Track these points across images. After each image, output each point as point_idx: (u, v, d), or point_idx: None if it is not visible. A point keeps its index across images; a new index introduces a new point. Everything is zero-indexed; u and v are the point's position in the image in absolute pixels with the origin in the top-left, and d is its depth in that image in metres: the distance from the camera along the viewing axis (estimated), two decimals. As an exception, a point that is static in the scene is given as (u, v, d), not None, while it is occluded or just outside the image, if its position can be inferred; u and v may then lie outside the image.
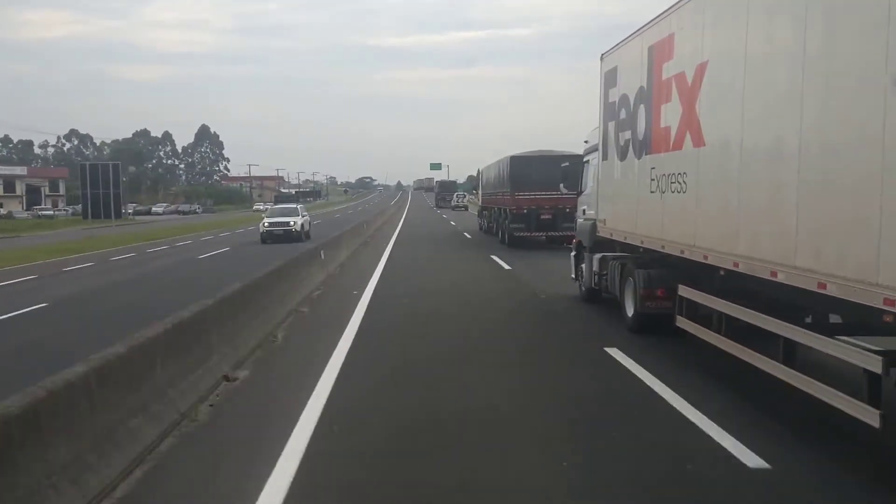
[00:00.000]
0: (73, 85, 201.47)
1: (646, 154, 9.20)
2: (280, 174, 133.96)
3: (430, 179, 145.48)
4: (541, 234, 26.24)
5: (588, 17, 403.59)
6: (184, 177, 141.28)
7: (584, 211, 13.19)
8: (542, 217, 25.86)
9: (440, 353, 8.67)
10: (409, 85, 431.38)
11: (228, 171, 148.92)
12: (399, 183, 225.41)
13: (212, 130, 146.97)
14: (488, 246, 26.30)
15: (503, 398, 6.65)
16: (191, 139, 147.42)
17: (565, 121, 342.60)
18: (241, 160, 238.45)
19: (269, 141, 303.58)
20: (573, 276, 13.55)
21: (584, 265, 12.63)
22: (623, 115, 10.14)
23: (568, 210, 26.16)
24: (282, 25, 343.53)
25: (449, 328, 10.50)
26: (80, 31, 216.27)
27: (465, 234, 34.49)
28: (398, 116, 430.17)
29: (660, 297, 9.32)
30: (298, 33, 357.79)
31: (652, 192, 8.88)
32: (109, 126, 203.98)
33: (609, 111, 10.91)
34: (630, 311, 9.93)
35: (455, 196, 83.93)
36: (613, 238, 10.69)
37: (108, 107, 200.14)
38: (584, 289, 12.66)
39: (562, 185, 14.70)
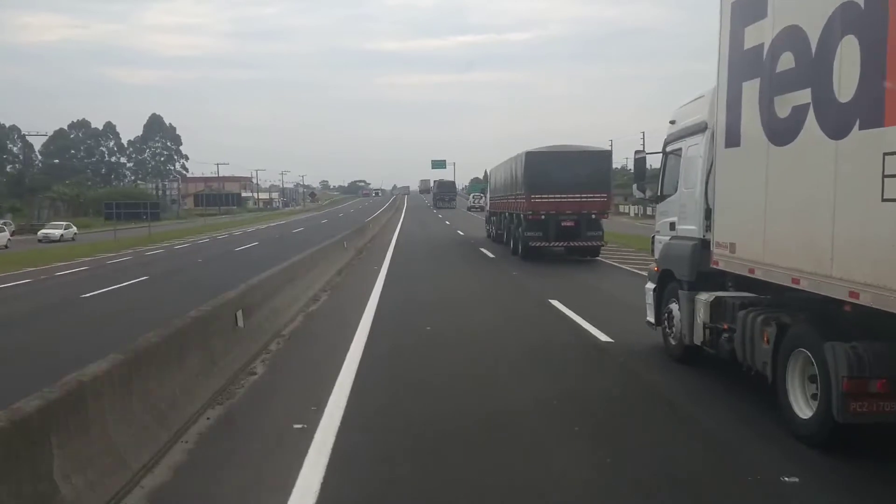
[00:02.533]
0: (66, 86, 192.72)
1: (861, 128, 4.88)
2: (218, 169, 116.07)
3: (427, 181, 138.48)
4: (561, 243, 22.12)
5: (588, 22, 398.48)
6: (131, 177, 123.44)
7: (670, 225, 8.97)
8: (564, 224, 21.95)
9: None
10: (407, 89, 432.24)
11: (187, 170, 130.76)
12: (395, 186, 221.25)
13: (167, 122, 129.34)
14: (525, 272, 19.40)
15: None
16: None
17: (567, 126, 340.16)
18: (235, 164, 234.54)
19: (267, 144, 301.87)
20: (650, 319, 9.26)
21: (673, 306, 8.37)
22: (787, 64, 5.92)
23: (594, 216, 22.13)
24: (280, 29, 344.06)
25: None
26: (77, 35, 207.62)
27: (488, 252, 26.31)
28: (396, 121, 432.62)
29: (879, 395, 5.07)
30: (297, 37, 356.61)
31: (889, 199, 4.53)
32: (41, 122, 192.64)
33: (744, 64, 6.71)
34: (804, 411, 5.75)
35: (471, 196, 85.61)
36: (758, 277, 6.39)
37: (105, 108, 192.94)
38: (674, 342, 8.39)
39: (634, 187, 10.26)
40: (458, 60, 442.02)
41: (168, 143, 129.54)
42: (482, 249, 27.60)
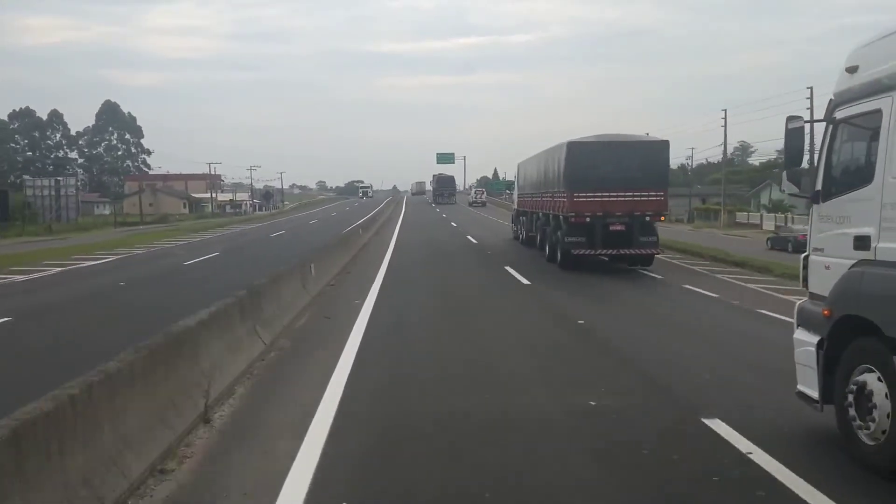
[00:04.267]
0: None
1: None
2: (145, 159, 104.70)
3: (422, 183, 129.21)
4: (609, 251, 18.73)
5: (589, 23, 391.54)
6: (81, 173, 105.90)
7: (854, 240, 5.39)
8: (612, 228, 18.90)
9: None
10: (408, 90, 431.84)
11: (149, 166, 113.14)
12: (394, 187, 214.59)
13: (125, 111, 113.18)
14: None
15: None
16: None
17: (572, 125, 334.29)
18: (235, 165, 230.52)
19: (267, 145, 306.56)
20: (807, 391, 5.82)
21: (868, 378, 5.04)
22: None
23: (648, 218, 18.57)
24: (282, 31, 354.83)
25: None
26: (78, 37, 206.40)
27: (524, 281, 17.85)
28: (397, 121, 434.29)
29: None
30: (298, 39, 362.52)
31: None
32: None
33: None
34: None
35: (473, 192, 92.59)
36: None
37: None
38: (870, 441, 4.99)
39: (784, 176, 6.65)
40: (459, 62, 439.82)
41: (126, 136, 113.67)
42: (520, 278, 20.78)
